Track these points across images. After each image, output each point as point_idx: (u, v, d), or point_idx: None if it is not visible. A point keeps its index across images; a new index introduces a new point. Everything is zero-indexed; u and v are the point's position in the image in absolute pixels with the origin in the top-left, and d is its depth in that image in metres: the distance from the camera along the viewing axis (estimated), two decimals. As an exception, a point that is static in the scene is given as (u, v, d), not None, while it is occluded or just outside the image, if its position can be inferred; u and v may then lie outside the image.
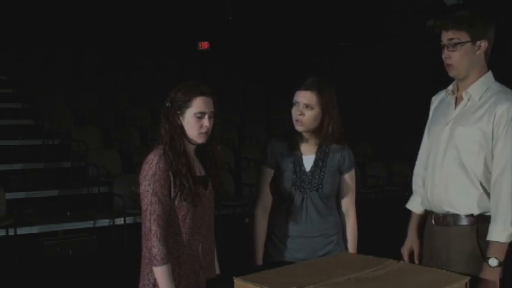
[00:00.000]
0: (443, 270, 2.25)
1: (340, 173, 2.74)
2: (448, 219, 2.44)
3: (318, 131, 2.65)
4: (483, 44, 2.39)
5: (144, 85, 10.78)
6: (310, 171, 2.67)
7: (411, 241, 2.66)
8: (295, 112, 2.62)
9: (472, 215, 2.39)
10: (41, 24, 11.57)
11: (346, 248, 2.77)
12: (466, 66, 2.40)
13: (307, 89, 2.62)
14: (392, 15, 10.51)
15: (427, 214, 2.61)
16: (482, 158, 2.37)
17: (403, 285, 2.13)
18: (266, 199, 2.69)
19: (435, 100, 2.65)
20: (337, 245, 2.73)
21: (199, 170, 2.44)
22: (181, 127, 2.38)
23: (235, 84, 12.02)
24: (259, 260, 2.68)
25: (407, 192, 2.81)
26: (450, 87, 2.53)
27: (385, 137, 9.60)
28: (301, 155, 2.69)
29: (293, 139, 2.69)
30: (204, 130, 2.38)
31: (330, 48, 11.71)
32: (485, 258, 2.32)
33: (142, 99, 9.94)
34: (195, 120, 2.36)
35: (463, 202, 2.40)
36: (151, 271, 2.31)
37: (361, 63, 10.72)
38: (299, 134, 2.68)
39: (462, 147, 2.39)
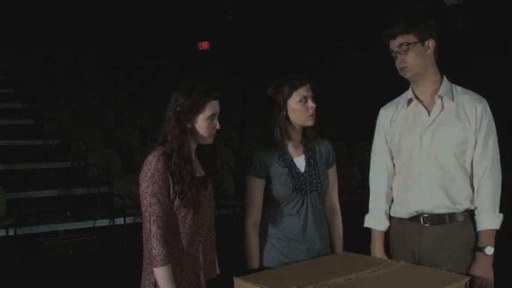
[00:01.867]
0: (443, 270, 2.26)
1: (327, 167, 2.72)
2: (443, 218, 2.46)
3: (308, 126, 2.65)
4: (431, 44, 2.50)
5: (144, 85, 10.78)
6: (305, 171, 2.64)
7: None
8: (307, 107, 2.58)
9: (467, 210, 2.46)
10: (41, 24, 11.58)
11: (332, 245, 2.75)
12: (421, 65, 2.49)
13: (306, 82, 2.62)
14: (393, 15, 10.50)
15: (389, 228, 2.63)
16: (469, 156, 2.45)
17: (403, 285, 2.13)
18: (257, 212, 2.62)
19: (387, 114, 2.66)
20: (328, 249, 2.71)
21: (199, 171, 2.44)
22: (191, 130, 2.38)
23: (235, 84, 12.01)
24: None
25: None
26: (408, 96, 2.57)
27: (385, 137, 9.59)
28: (292, 157, 2.65)
29: (278, 144, 2.64)
30: (215, 131, 2.41)
31: (330, 48, 11.72)
32: (480, 249, 2.39)
33: (142, 99, 9.94)
34: (207, 123, 2.38)
35: (459, 201, 2.45)
36: (152, 271, 2.31)
37: (361, 63, 10.72)
38: (285, 137, 2.64)
39: (450, 148, 2.45)
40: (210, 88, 2.42)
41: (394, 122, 2.63)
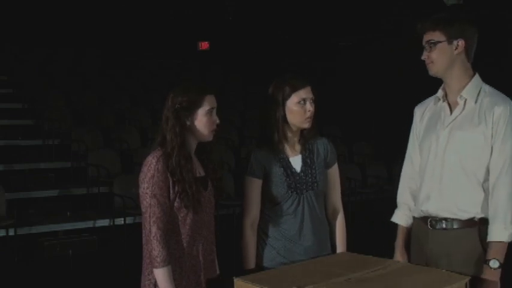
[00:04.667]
0: (443, 270, 2.25)
1: (326, 167, 2.71)
2: (447, 223, 2.42)
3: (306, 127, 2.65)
4: (460, 43, 2.40)
5: (144, 85, 10.78)
6: (301, 171, 2.63)
7: (400, 257, 2.62)
8: (305, 110, 2.58)
9: (473, 219, 2.38)
10: (41, 24, 11.57)
11: (335, 247, 2.74)
12: (444, 64, 2.43)
13: (307, 84, 2.61)
14: (393, 15, 10.51)
15: (412, 224, 2.61)
16: (484, 161, 2.36)
17: (403, 285, 2.13)
18: (255, 212, 2.62)
19: (420, 111, 2.63)
20: (328, 250, 2.70)
21: (198, 171, 2.44)
22: (192, 127, 2.38)
23: (235, 84, 12.02)
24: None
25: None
26: (439, 94, 2.53)
27: (385, 137, 9.61)
28: (288, 157, 2.65)
29: (276, 144, 2.64)
30: (215, 126, 2.42)
31: (330, 48, 11.71)
32: (486, 260, 2.30)
33: (142, 99, 9.94)
34: (207, 118, 2.39)
35: (465, 208, 2.38)
36: (152, 272, 2.31)
37: (361, 63, 10.72)
38: (282, 136, 2.64)
39: (463, 152, 2.38)
40: (205, 83, 2.46)
41: (422, 120, 2.60)
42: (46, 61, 10.89)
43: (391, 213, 2.74)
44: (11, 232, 5.92)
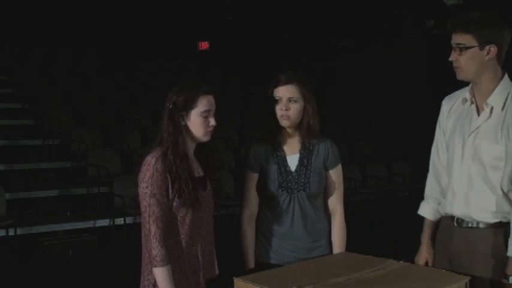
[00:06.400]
0: (443, 270, 2.25)
1: (326, 169, 2.67)
2: (473, 223, 2.38)
3: (301, 126, 2.61)
4: (492, 49, 2.28)
5: (144, 85, 10.78)
6: (295, 170, 2.62)
7: (426, 251, 2.57)
8: (279, 108, 2.57)
9: (499, 221, 2.33)
10: (41, 24, 11.58)
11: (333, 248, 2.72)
12: (473, 70, 2.32)
13: (287, 82, 2.58)
14: (392, 15, 10.51)
15: (440, 219, 2.56)
16: (507, 172, 2.30)
17: (403, 285, 2.13)
18: (252, 205, 2.64)
19: (448, 105, 2.53)
20: (325, 250, 2.68)
21: (197, 171, 2.44)
22: (186, 127, 2.37)
23: (235, 84, 12.01)
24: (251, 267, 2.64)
25: (408, 192, 2.76)
26: (467, 95, 2.43)
27: (385, 137, 9.61)
28: (285, 155, 2.64)
29: (275, 140, 2.64)
30: (211, 128, 2.40)
31: (330, 48, 11.71)
32: (506, 275, 2.26)
33: (142, 99, 9.94)
34: (201, 120, 2.37)
35: (490, 216, 2.34)
36: (151, 272, 2.31)
37: (361, 63, 10.72)
38: (281, 133, 2.64)
39: (488, 162, 2.32)
40: (201, 83, 2.42)
41: (450, 116, 2.50)
42: (46, 61, 10.88)
43: (391, 213, 2.73)
44: (11, 232, 5.92)
